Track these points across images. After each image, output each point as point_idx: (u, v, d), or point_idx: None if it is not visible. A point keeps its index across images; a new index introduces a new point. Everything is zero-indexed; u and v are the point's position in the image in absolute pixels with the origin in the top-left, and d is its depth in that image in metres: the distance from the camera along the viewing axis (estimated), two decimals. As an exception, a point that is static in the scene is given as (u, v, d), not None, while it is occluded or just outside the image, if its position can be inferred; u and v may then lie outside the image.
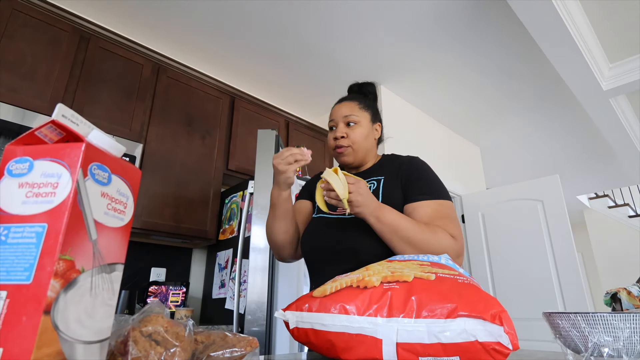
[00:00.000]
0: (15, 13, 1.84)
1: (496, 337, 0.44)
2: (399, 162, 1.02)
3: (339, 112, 1.05)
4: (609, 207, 6.15)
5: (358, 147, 1.02)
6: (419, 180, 0.96)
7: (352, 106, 1.05)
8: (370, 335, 0.49)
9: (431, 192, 0.93)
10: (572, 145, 3.97)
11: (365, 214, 0.83)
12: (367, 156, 1.05)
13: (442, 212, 0.90)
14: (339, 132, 1.02)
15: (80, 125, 0.34)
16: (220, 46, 2.58)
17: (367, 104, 1.08)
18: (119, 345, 0.36)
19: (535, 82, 2.94)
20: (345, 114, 1.03)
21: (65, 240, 0.29)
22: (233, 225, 2.28)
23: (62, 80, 1.91)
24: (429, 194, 0.93)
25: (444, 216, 0.90)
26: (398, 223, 0.84)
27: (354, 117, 1.02)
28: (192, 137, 2.37)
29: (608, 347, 0.48)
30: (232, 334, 0.46)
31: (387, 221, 0.84)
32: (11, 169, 0.32)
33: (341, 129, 1.02)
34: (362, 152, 1.03)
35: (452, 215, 0.92)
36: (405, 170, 0.99)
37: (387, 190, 0.96)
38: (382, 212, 0.84)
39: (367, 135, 1.03)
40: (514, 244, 3.15)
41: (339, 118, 1.04)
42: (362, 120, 1.03)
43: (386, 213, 0.85)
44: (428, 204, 0.91)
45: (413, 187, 0.95)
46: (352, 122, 1.02)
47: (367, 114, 1.05)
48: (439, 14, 2.28)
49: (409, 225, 0.84)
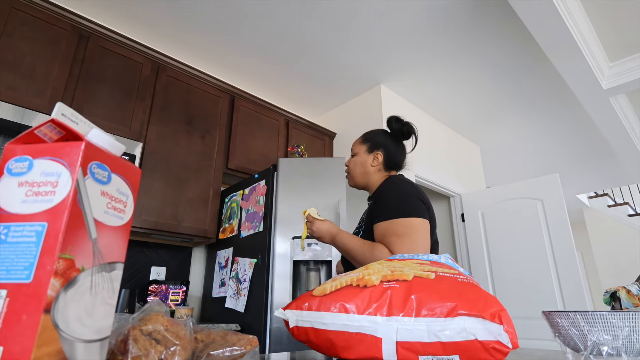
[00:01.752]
0: (14, 12, 1.83)
1: (496, 335, 0.44)
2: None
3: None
4: (609, 206, 6.16)
5: (353, 173, 1.29)
6: (377, 204, 1.13)
7: (356, 142, 1.32)
8: (370, 334, 0.49)
9: (384, 213, 1.08)
10: (571, 144, 3.97)
11: (325, 240, 1.15)
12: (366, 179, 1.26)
13: (390, 231, 1.04)
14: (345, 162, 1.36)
15: (79, 124, 0.34)
16: (220, 45, 2.58)
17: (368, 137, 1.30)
18: (119, 344, 0.37)
19: (535, 81, 2.94)
20: (351, 147, 1.33)
21: (65, 239, 0.29)
22: (233, 224, 2.29)
23: (62, 79, 1.91)
24: (382, 216, 1.08)
25: (392, 234, 1.04)
26: (347, 245, 1.09)
27: (353, 149, 1.31)
28: (192, 136, 2.37)
29: (607, 345, 0.48)
30: (232, 332, 0.46)
31: (338, 245, 1.12)
32: (11, 168, 0.32)
33: (348, 159, 1.33)
34: (358, 176, 1.27)
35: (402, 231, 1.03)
36: (375, 194, 1.17)
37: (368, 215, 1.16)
38: (336, 239, 1.12)
39: (361, 162, 1.27)
40: (514, 243, 3.15)
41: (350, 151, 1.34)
42: (359, 151, 1.29)
43: (338, 239, 1.11)
44: (380, 225, 1.08)
45: (375, 210, 1.12)
46: (353, 154, 1.31)
47: (364, 146, 1.29)
48: (439, 14, 2.28)
49: (354, 247, 1.08)
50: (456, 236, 3.56)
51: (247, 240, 2.13)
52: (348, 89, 3.06)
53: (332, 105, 3.32)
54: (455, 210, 3.60)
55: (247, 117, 2.72)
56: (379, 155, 1.26)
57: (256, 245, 2.04)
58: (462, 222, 3.54)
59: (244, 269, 2.06)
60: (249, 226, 2.14)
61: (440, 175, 3.33)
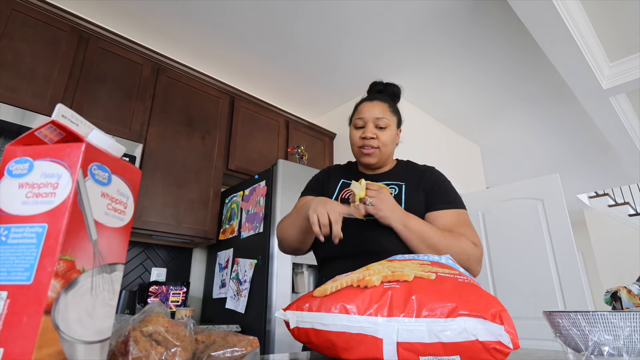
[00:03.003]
0: (14, 13, 1.84)
1: (496, 336, 0.44)
2: (420, 171, 1.07)
3: (371, 112, 1.04)
4: (609, 206, 6.15)
5: (385, 150, 1.03)
6: (441, 190, 1.01)
7: (384, 108, 1.05)
8: (370, 335, 0.49)
9: (452, 201, 0.99)
10: (572, 144, 3.97)
11: (391, 219, 0.87)
12: (389, 159, 1.09)
13: (462, 221, 0.96)
14: (369, 133, 1.02)
15: (80, 125, 0.34)
16: (220, 46, 2.58)
17: (395, 108, 1.10)
18: (119, 345, 0.37)
19: (535, 81, 2.94)
20: (377, 115, 1.03)
21: (65, 241, 0.29)
22: (233, 225, 2.28)
23: (62, 80, 1.91)
24: (450, 203, 0.98)
25: (464, 224, 0.95)
26: (425, 231, 0.88)
27: (385, 120, 1.03)
28: (192, 136, 2.37)
29: (608, 345, 0.48)
30: (233, 333, 0.46)
31: (415, 229, 0.88)
32: (11, 170, 0.32)
33: (371, 129, 1.02)
34: (387, 155, 1.05)
35: (470, 223, 0.98)
36: (428, 180, 1.03)
37: (409, 197, 0.99)
38: (409, 220, 0.88)
39: (393, 140, 1.06)
40: (514, 243, 3.15)
41: (370, 118, 1.03)
42: (392, 124, 1.04)
43: (413, 221, 0.89)
44: (449, 212, 0.96)
45: (436, 196, 0.99)
46: (382, 125, 1.03)
47: (395, 118, 1.07)
48: (439, 13, 2.28)
49: (434, 233, 0.88)
50: (457, 236, 3.56)
51: (247, 241, 2.13)
52: (348, 90, 3.06)
53: (332, 105, 3.32)
54: (456, 210, 3.59)
55: (247, 118, 2.72)
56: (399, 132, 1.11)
57: (257, 246, 2.04)
58: (463, 222, 3.53)
59: (245, 270, 2.06)
60: (249, 227, 2.14)
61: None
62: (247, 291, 1.99)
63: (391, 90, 1.15)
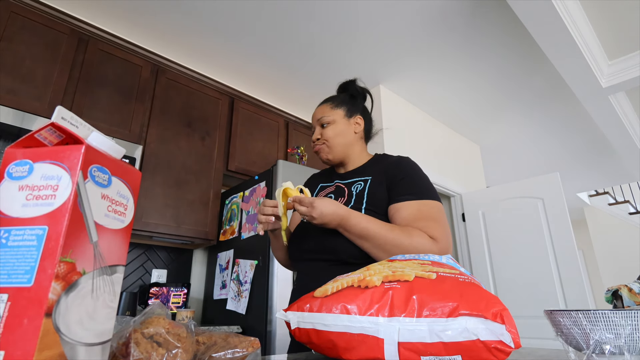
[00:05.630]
0: (13, 16, 1.84)
1: (498, 335, 0.44)
2: (387, 162, 1.01)
3: (315, 117, 1.10)
4: (610, 204, 6.15)
5: (332, 143, 1.05)
6: (404, 180, 0.94)
7: (324, 108, 1.09)
8: (371, 335, 0.49)
9: (415, 192, 0.91)
10: (572, 143, 3.97)
11: (327, 224, 0.85)
12: (348, 151, 1.07)
13: (425, 213, 0.88)
14: (315, 135, 1.08)
15: (79, 127, 0.34)
16: (219, 47, 2.58)
17: (341, 100, 1.10)
18: (120, 347, 0.36)
19: (535, 80, 2.94)
20: (318, 117, 1.08)
21: (65, 243, 0.29)
22: (234, 226, 2.28)
23: (61, 82, 1.91)
24: (412, 194, 0.91)
25: (426, 217, 0.87)
26: (367, 230, 0.84)
27: (326, 117, 1.06)
28: (192, 138, 2.37)
29: (610, 344, 0.48)
30: (234, 334, 0.46)
31: (354, 229, 0.84)
32: (11, 172, 0.32)
33: (317, 132, 1.08)
34: (339, 147, 1.05)
35: (437, 216, 0.89)
36: (392, 170, 0.98)
37: (372, 192, 0.96)
38: (348, 220, 0.84)
39: (341, 131, 1.06)
40: (515, 242, 3.15)
41: (315, 122, 1.09)
42: (335, 117, 1.06)
43: (352, 222, 0.84)
44: (411, 204, 0.89)
45: (398, 187, 0.93)
46: (325, 124, 1.06)
47: (339, 110, 1.08)
48: (438, 13, 2.28)
49: (379, 231, 0.83)
50: (457, 236, 3.56)
51: (248, 242, 2.13)
52: (347, 90, 3.06)
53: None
54: (456, 210, 3.60)
55: (246, 119, 2.72)
56: (359, 120, 1.09)
57: (257, 247, 2.04)
58: (463, 221, 3.54)
59: (245, 271, 2.06)
60: (249, 228, 2.14)
61: (440, 175, 3.33)
62: (248, 292, 1.99)
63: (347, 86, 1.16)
